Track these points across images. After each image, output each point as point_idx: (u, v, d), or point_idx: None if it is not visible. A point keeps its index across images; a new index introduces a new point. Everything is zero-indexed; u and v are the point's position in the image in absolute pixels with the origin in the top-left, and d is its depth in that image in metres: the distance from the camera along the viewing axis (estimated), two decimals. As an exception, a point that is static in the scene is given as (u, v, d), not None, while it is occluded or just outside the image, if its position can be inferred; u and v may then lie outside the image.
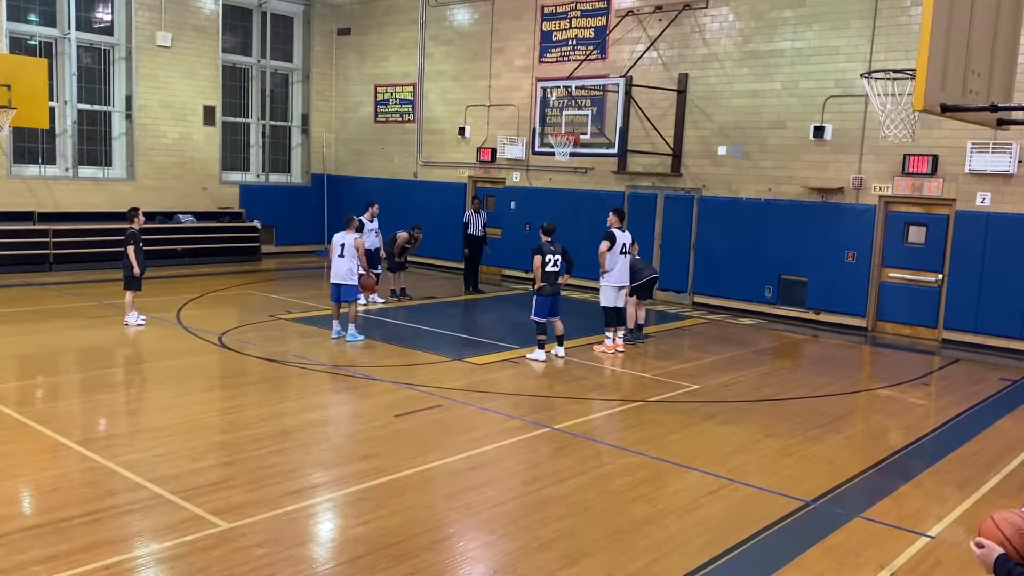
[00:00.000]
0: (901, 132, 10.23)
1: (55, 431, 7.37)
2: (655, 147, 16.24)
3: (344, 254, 11.74)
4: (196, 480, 6.38)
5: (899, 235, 13.96)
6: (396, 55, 21.24)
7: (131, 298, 12.05)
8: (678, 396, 9.60)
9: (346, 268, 11.73)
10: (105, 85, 19.04)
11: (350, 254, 11.73)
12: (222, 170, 20.98)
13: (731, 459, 7.47)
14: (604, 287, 11.71)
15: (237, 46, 21.24)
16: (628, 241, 11.72)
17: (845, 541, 5.83)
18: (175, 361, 10.27)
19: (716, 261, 15.83)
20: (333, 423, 8.42)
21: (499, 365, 10.83)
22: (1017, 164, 12.61)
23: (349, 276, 11.74)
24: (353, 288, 11.82)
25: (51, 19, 18.18)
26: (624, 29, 16.92)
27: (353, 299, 11.86)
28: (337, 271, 11.79)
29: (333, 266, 11.86)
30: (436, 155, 20.54)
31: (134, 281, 12.03)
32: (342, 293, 11.79)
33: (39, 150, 18.24)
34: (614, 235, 11.54)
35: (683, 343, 13.02)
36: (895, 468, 7.51)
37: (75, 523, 5.53)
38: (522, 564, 5.29)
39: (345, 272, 11.73)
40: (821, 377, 10.99)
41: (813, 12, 14.53)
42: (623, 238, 11.62)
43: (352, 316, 11.83)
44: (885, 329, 14.23)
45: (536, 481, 6.79)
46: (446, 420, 8.32)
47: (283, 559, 5.17)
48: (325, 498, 6.29)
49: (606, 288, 11.68)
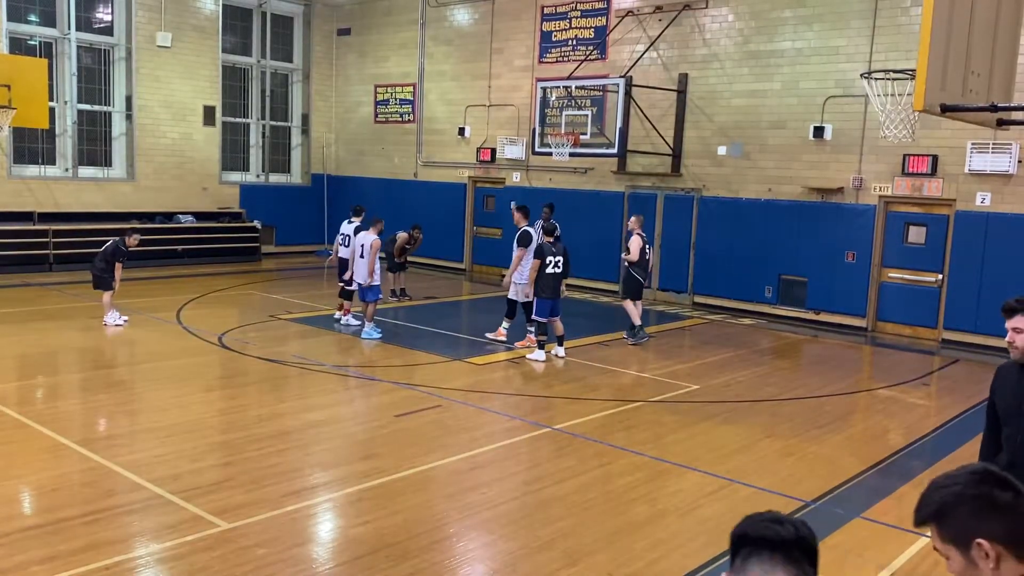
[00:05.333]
0: (901, 132, 10.24)
1: (55, 431, 7.37)
2: (655, 147, 16.24)
3: (364, 255, 11.91)
4: (196, 480, 6.38)
5: (899, 235, 13.96)
6: (396, 55, 21.24)
7: (108, 298, 12.00)
8: (678, 396, 9.60)
9: (366, 268, 11.89)
10: (105, 85, 19.04)
11: (368, 254, 11.91)
12: (222, 170, 20.98)
13: (731, 459, 7.47)
14: (517, 283, 11.89)
15: (237, 46, 21.23)
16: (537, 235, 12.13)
17: (845, 541, 5.83)
18: (175, 361, 10.27)
19: (716, 261, 15.83)
20: (333, 423, 8.41)
21: (499, 365, 10.83)
22: (1017, 164, 12.61)
23: (373, 277, 11.92)
24: (376, 288, 12.03)
25: (51, 19, 18.18)
26: (624, 29, 16.92)
27: (375, 299, 12.05)
28: (359, 271, 12.00)
29: (355, 267, 12.09)
30: (436, 155, 20.54)
31: (104, 282, 12.02)
32: (366, 294, 11.99)
33: (39, 150, 18.23)
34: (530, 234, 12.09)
35: (683, 343, 13.02)
36: (895, 468, 7.51)
37: (75, 523, 5.53)
38: (522, 564, 5.29)
39: (366, 272, 11.88)
40: (821, 377, 10.99)
41: (813, 12, 14.53)
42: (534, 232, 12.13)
43: (369, 315, 11.97)
44: (885, 329, 14.23)
45: (536, 481, 6.79)
46: (446, 420, 8.32)
47: (283, 559, 5.17)
48: (325, 498, 6.30)
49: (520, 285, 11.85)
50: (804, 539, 1.87)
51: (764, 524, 1.91)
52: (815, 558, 1.88)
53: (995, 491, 1.97)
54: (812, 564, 1.88)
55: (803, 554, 1.86)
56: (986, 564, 1.94)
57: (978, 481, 2.00)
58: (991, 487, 1.98)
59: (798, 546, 1.86)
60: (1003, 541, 1.94)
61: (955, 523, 1.99)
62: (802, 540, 1.87)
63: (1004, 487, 1.98)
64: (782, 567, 1.84)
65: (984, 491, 1.97)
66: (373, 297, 12.02)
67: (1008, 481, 2.00)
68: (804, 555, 1.86)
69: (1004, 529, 1.94)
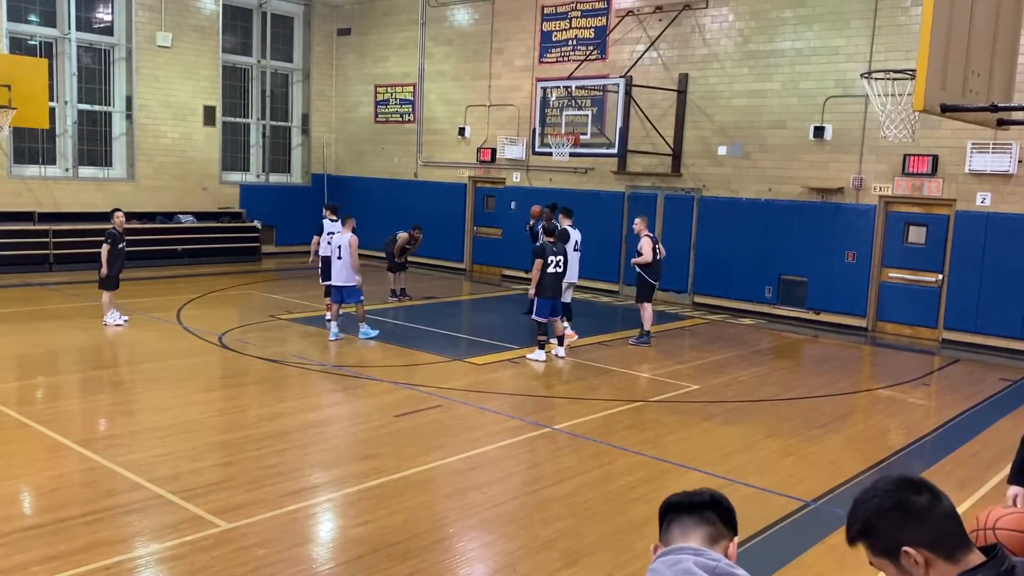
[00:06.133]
0: (901, 132, 10.23)
1: (55, 431, 7.37)
2: (655, 147, 16.24)
3: (342, 256, 11.71)
4: (196, 480, 6.38)
5: (899, 235, 13.96)
6: (396, 55, 21.24)
7: (108, 298, 11.96)
8: (678, 396, 9.60)
9: (346, 270, 11.71)
10: (105, 85, 19.04)
11: (348, 255, 11.70)
12: (222, 170, 20.98)
13: (731, 459, 7.47)
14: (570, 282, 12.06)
15: (237, 46, 21.23)
16: (579, 238, 12.42)
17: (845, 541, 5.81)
18: (175, 361, 10.27)
19: (716, 261, 15.83)
20: (333, 423, 8.42)
21: (499, 365, 10.83)
22: (1017, 164, 12.61)
23: (352, 278, 11.73)
24: (355, 290, 11.77)
25: (51, 19, 18.18)
26: (624, 29, 16.92)
27: (358, 301, 11.86)
28: (338, 273, 11.75)
29: (333, 268, 11.83)
30: (436, 155, 20.54)
31: (108, 281, 11.94)
32: (345, 295, 11.75)
33: (39, 150, 18.23)
34: (568, 233, 12.04)
35: (683, 343, 13.02)
36: (895, 468, 7.50)
37: (75, 523, 5.53)
38: (522, 564, 5.29)
39: (346, 274, 11.71)
40: (821, 377, 10.99)
41: (813, 12, 14.52)
42: (575, 235, 12.26)
43: (360, 315, 11.87)
44: (885, 329, 14.23)
45: (536, 481, 6.79)
46: (446, 420, 8.32)
47: (283, 559, 5.17)
48: (325, 498, 6.30)
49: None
50: (718, 501, 2.09)
51: (683, 494, 2.12)
52: (733, 520, 2.09)
53: (911, 497, 1.97)
54: (729, 525, 2.08)
55: (718, 515, 2.07)
56: (918, 571, 1.94)
57: (895, 490, 2.00)
58: (908, 494, 1.98)
59: (711, 507, 2.07)
60: (928, 546, 1.93)
61: (881, 536, 1.99)
62: (716, 503, 2.08)
63: (919, 491, 1.98)
64: (695, 525, 2.05)
65: (901, 499, 1.97)
66: (356, 298, 11.80)
67: (923, 485, 2.00)
68: (719, 516, 2.07)
69: (928, 534, 1.94)
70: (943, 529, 1.95)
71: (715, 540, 2.03)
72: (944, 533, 1.94)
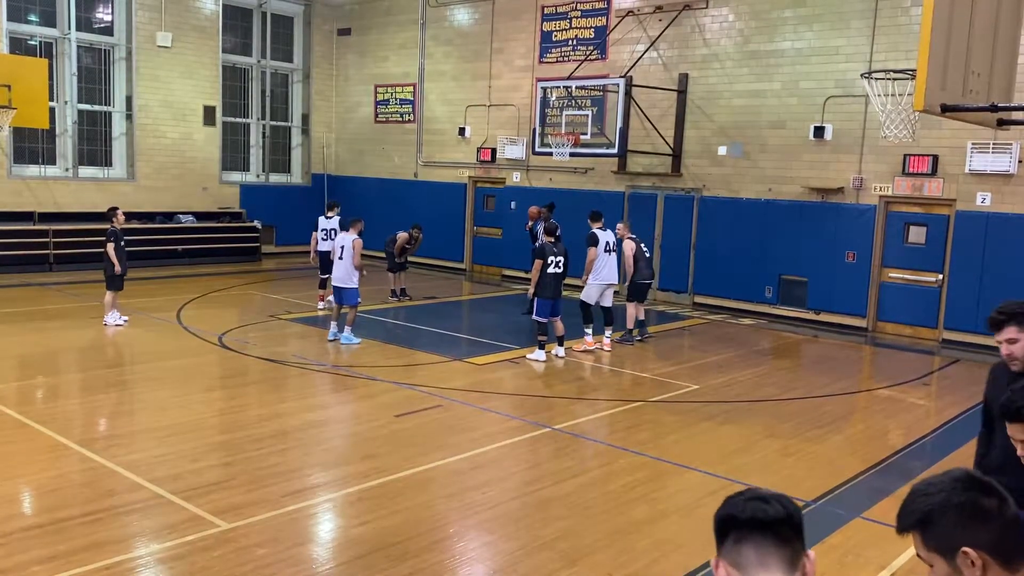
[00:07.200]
0: (901, 132, 10.23)
1: (55, 431, 7.37)
2: (655, 147, 16.24)
3: (344, 256, 11.61)
4: (196, 480, 6.38)
5: (899, 235, 13.96)
6: (396, 55, 21.24)
7: (111, 298, 11.95)
8: (678, 396, 9.60)
9: (346, 271, 11.59)
10: (105, 85, 19.04)
11: (349, 256, 11.59)
12: (222, 170, 20.98)
13: (731, 459, 7.47)
14: (590, 284, 11.85)
15: (237, 46, 21.23)
16: (612, 240, 12.01)
17: (845, 541, 5.82)
18: (175, 361, 10.27)
19: (716, 261, 15.83)
20: (333, 423, 8.42)
21: (499, 365, 10.83)
22: (1017, 164, 12.61)
23: (349, 279, 11.62)
24: (354, 292, 11.59)
25: (51, 19, 18.18)
26: (624, 29, 16.92)
27: (353, 304, 11.63)
28: (337, 274, 11.62)
29: (334, 268, 11.75)
30: (436, 155, 20.54)
31: (115, 280, 11.94)
32: (344, 297, 11.60)
33: (39, 150, 18.23)
34: (596, 236, 11.74)
35: (683, 343, 13.01)
36: (895, 468, 7.51)
37: (75, 523, 5.53)
38: (522, 564, 5.29)
39: (345, 275, 11.58)
40: (821, 377, 10.98)
41: (813, 12, 14.52)
42: (606, 237, 11.88)
43: (350, 319, 11.60)
44: (885, 329, 14.23)
45: (536, 481, 6.79)
46: (446, 420, 8.32)
47: (283, 559, 5.17)
48: (325, 498, 6.30)
49: (591, 285, 11.83)
50: (792, 516, 1.82)
51: (751, 504, 1.82)
52: (802, 533, 1.84)
53: (980, 498, 1.91)
54: (801, 539, 1.83)
55: (792, 531, 1.81)
56: (972, 573, 1.89)
57: (963, 488, 1.94)
58: (976, 494, 1.92)
59: (788, 524, 1.81)
60: (989, 549, 1.88)
61: (940, 532, 1.93)
62: (790, 517, 1.82)
63: (989, 493, 1.93)
64: (775, 548, 1.78)
65: (969, 498, 1.91)
66: (352, 301, 11.54)
67: (992, 487, 1.95)
68: (793, 532, 1.81)
69: (990, 537, 1.89)
70: (1005, 535, 1.89)
71: (794, 563, 1.80)
72: (1006, 539, 1.89)
